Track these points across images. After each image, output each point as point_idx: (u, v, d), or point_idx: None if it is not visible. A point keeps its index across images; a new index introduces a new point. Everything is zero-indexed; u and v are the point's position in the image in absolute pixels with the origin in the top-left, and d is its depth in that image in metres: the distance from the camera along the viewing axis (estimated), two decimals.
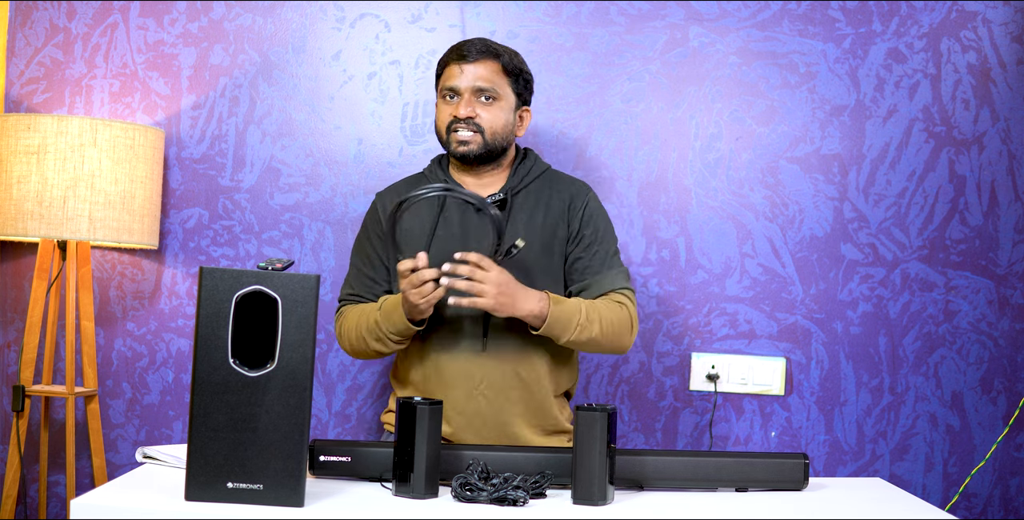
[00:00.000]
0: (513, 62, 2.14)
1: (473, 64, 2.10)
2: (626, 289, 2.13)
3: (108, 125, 2.43)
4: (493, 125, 2.10)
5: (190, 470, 1.57)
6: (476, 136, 2.10)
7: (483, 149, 2.10)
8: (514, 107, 2.15)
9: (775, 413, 2.65)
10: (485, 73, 2.10)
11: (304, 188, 2.69)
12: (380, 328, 2.04)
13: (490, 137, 2.10)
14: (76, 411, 2.63)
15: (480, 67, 2.10)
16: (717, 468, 1.80)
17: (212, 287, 1.58)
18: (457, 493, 1.66)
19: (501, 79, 2.12)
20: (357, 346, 2.13)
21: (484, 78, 2.10)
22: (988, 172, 2.64)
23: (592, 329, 2.03)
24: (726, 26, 2.67)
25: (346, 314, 2.16)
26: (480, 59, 2.11)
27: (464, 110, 2.08)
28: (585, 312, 2.03)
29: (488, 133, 2.10)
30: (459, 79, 2.10)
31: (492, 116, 2.10)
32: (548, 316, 1.99)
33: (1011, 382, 2.63)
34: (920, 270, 2.64)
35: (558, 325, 2.01)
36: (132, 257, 2.70)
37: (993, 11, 2.65)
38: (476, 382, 2.08)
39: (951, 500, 2.62)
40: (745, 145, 2.66)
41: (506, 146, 2.14)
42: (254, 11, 2.71)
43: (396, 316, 2.00)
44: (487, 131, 2.10)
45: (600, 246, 2.15)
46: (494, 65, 2.12)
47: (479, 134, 2.10)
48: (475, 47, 2.12)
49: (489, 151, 2.11)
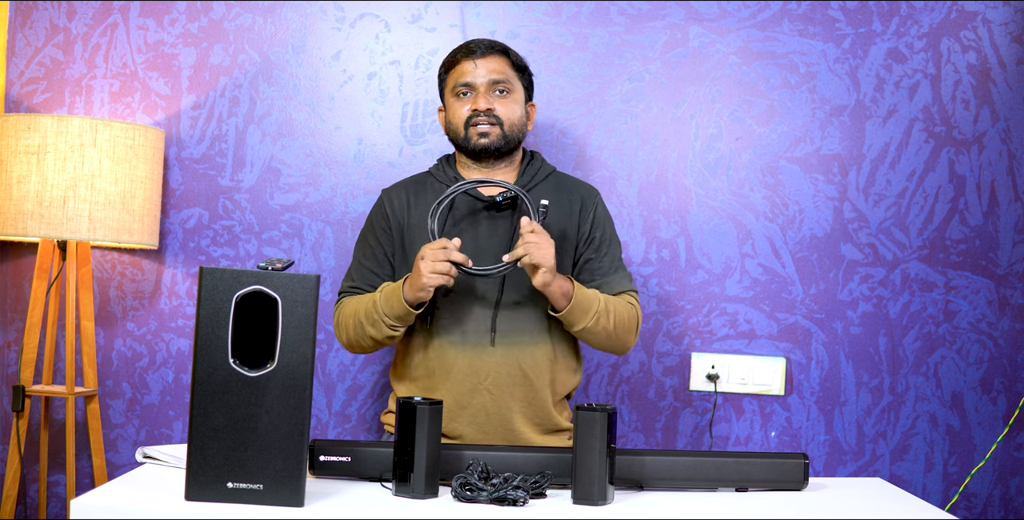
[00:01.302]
0: (519, 57, 2.21)
1: (484, 59, 2.15)
2: (634, 292, 2.17)
3: (108, 125, 2.43)
4: (511, 117, 2.14)
5: (190, 470, 1.57)
6: (495, 128, 2.13)
7: (502, 140, 2.14)
8: (524, 101, 2.20)
9: (775, 413, 2.65)
10: (497, 67, 2.15)
11: (304, 188, 2.69)
12: (377, 310, 2.04)
13: (508, 129, 2.14)
14: (76, 411, 2.63)
15: (493, 60, 2.15)
16: (717, 468, 1.80)
17: (212, 287, 1.58)
18: (457, 493, 1.66)
19: (512, 73, 2.17)
20: (352, 334, 2.13)
21: (497, 71, 2.15)
22: (988, 172, 2.64)
23: (607, 320, 2.06)
24: (726, 26, 2.67)
25: (345, 303, 2.17)
26: (489, 54, 2.16)
27: (483, 102, 2.12)
28: (603, 303, 2.07)
29: (507, 125, 2.14)
30: (473, 74, 2.14)
31: (508, 109, 2.14)
32: (574, 296, 2.02)
33: (1011, 382, 2.63)
34: (920, 270, 2.64)
35: (579, 309, 2.03)
36: (132, 257, 2.70)
37: (993, 11, 2.65)
38: (481, 377, 2.09)
39: (951, 500, 2.62)
40: (745, 145, 2.66)
41: (521, 140, 2.18)
42: (254, 11, 2.71)
43: (395, 299, 2.01)
44: (505, 123, 2.13)
45: (610, 248, 2.18)
46: (504, 60, 2.17)
47: (498, 126, 2.13)
48: (482, 44, 2.17)
49: (507, 143, 2.14)
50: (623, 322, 2.09)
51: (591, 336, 2.09)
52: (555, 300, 2.03)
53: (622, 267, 2.19)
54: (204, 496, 1.57)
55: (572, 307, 2.02)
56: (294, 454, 1.57)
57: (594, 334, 2.08)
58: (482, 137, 2.12)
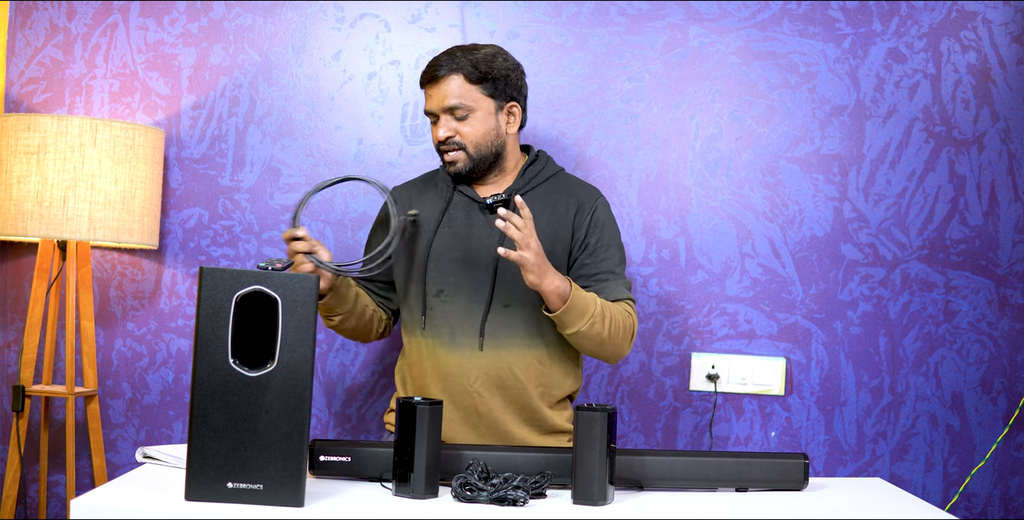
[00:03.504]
0: (478, 69, 2.10)
1: (439, 84, 2.11)
2: (631, 300, 2.14)
3: (108, 125, 2.43)
4: (474, 138, 2.12)
5: (190, 470, 1.57)
6: (460, 153, 2.12)
7: (471, 164, 2.13)
8: (494, 111, 2.13)
9: (775, 413, 2.65)
10: (451, 89, 2.10)
11: (304, 188, 2.69)
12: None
13: (474, 151, 2.12)
14: (76, 411, 2.63)
15: (445, 85, 2.10)
16: (717, 468, 1.80)
17: (212, 287, 1.58)
18: (457, 493, 1.66)
19: (469, 90, 2.10)
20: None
21: (452, 95, 2.10)
22: (988, 172, 2.64)
23: (603, 326, 2.03)
24: (726, 26, 2.67)
25: None
26: (444, 76, 2.10)
27: (442, 132, 2.12)
28: (600, 306, 2.04)
29: (471, 147, 2.12)
30: (430, 102, 2.14)
31: (470, 129, 2.11)
32: (570, 298, 1.99)
33: (1011, 382, 2.63)
34: (920, 270, 2.64)
35: (575, 311, 2.00)
36: (132, 257, 2.70)
37: (993, 11, 2.65)
38: (471, 379, 2.09)
39: (951, 500, 2.62)
40: (745, 145, 2.66)
41: (498, 151, 2.15)
42: (254, 11, 2.71)
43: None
44: (469, 146, 2.12)
45: (606, 254, 2.14)
46: (458, 79, 2.10)
47: (462, 151, 2.12)
48: (439, 65, 2.11)
49: (478, 163, 2.14)
50: (619, 330, 2.06)
51: (584, 341, 2.05)
52: (549, 300, 1.99)
53: (620, 275, 2.15)
54: (204, 496, 1.57)
55: (567, 309, 1.99)
56: (294, 454, 1.57)
57: (588, 339, 2.04)
58: (451, 165, 2.14)
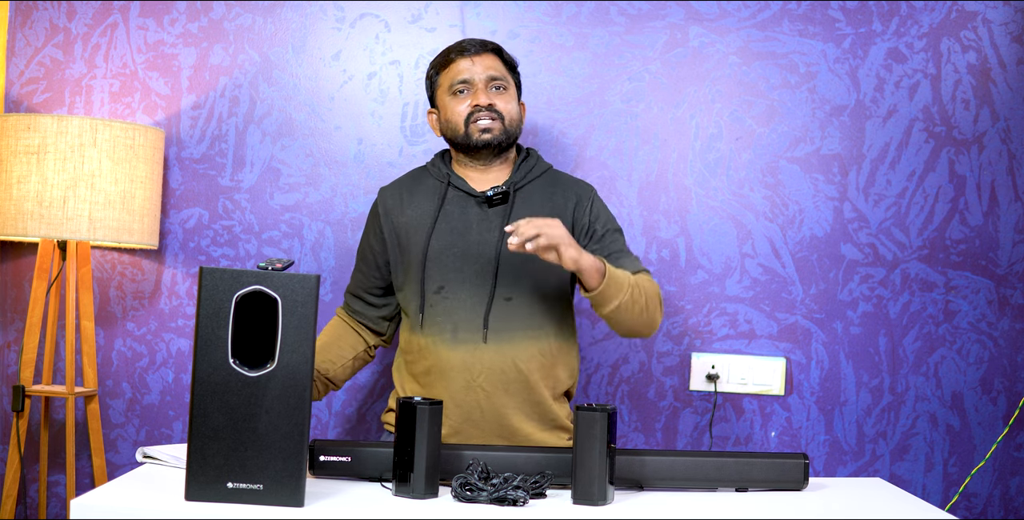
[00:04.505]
0: (510, 56, 2.22)
1: (479, 56, 2.16)
2: (647, 271, 2.14)
3: (108, 125, 2.43)
4: (510, 112, 2.16)
5: (190, 470, 1.57)
6: (497, 122, 2.13)
7: (504, 135, 2.14)
8: (517, 98, 2.21)
9: (775, 413, 2.65)
10: (493, 64, 2.17)
11: (304, 188, 2.69)
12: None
13: (508, 124, 2.15)
14: (76, 411, 2.63)
15: (486, 59, 2.17)
16: (717, 468, 1.81)
17: (212, 287, 1.58)
18: (457, 493, 1.66)
19: (504, 70, 2.19)
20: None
21: (494, 68, 2.17)
22: (988, 172, 2.64)
23: (640, 293, 2.02)
24: (726, 26, 2.67)
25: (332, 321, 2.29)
26: (484, 52, 2.17)
27: (484, 98, 2.13)
28: (633, 278, 2.04)
29: (507, 120, 2.15)
30: (470, 71, 2.15)
31: (507, 104, 2.16)
32: (607, 273, 1.97)
33: (1011, 382, 2.63)
34: (920, 270, 2.64)
35: (614, 284, 1.98)
36: (132, 257, 2.70)
37: (993, 11, 2.65)
38: (475, 374, 2.08)
39: (951, 500, 2.62)
40: (745, 145, 2.66)
41: (517, 136, 2.19)
42: (254, 11, 2.71)
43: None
44: (506, 118, 2.14)
45: (613, 237, 2.17)
46: (496, 58, 2.19)
47: (499, 121, 2.14)
48: (475, 43, 2.18)
49: (508, 137, 2.15)
50: (652, 297, 2.06)
51: (624, 315, 2.02)
52: (589, 276, 1.95)
53: (630, 253, 2.16)
54: (204, 496, 1.57)
55: (608, 282, 1.96)
56: (294, 454, 1.57)
57: (628, 311, 2.01)
58: (485, 132, 2.13)
